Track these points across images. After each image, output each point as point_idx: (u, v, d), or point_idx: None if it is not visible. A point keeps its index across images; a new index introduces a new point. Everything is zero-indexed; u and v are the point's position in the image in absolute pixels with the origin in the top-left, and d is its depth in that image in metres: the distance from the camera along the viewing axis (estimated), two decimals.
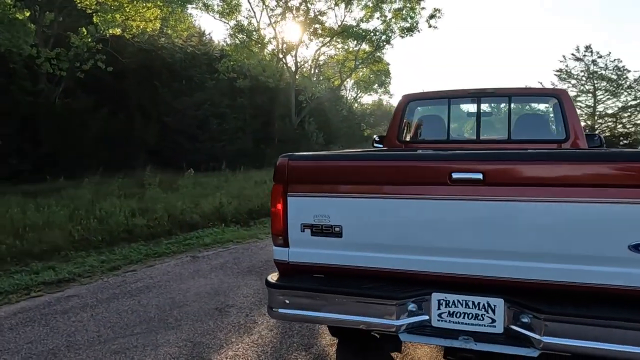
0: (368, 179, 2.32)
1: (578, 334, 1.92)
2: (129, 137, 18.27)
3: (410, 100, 4.81)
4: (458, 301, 2.15)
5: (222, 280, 5.11)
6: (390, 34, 24.71)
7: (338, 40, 25.73)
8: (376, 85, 40.28)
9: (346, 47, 25.69)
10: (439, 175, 2.16)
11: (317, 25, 24.24)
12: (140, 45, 19.80)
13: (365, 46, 26.36)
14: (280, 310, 2.38)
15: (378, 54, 26.66)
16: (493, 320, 2.11)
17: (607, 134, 26.33)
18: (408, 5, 23.36)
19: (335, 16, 24.61)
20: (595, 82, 27.71)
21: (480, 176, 2.09)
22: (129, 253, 6.28)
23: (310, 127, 25.45)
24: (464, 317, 2.14)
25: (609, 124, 27.81)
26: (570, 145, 4.31)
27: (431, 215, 2.20)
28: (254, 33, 24.41)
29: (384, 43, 25.16)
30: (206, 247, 6.79)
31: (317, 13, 24.06)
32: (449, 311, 2.17)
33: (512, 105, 4.65)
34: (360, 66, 26.22)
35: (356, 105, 42.79)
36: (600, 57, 27.26)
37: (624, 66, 26.95)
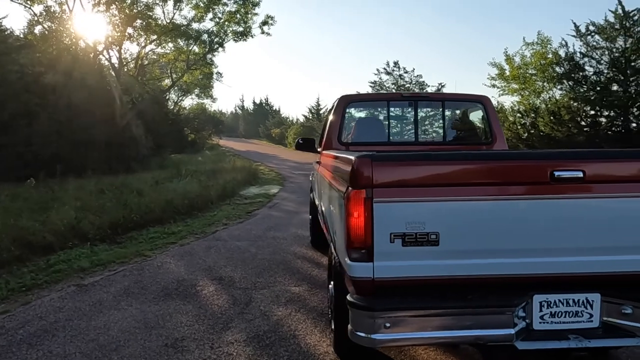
0: (466, 179, 2.15)
1: None
2: None
3: (349, 101, 4.73)
4: (559, 301, 2.14)
5: (141, 310, 4.25)
6: (223, 37, 24.21)
7: (167, 38, 24.16)
8: (197, 89, 39.09)
9: (177, 46, 24.24)
10: (540, 175, 2.12)
11: (140, 21, 22.33)
12: None
13: (195, 48, 25.31)
14: (380, 337, 2.04)
15: (209, 56, 25.84)
16: (591, 316, 2.15)
17: None
18: (243, 9, 23.21)
19: (164, 13, 22.93)
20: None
21: (580, 174, 2.11)
22: None
23: (138, 130, 23.31)
24: (564, 316, 2.14)
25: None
26: (495, 147, 4.75)
27: (531, 216, 2.14)
28: (68, 22, 21.31)
29: (217, 46, 24.53)
30: (85, 272, 5.58)
31: (144, 7, 22.20)
32: (551, 312, 2.14)
33: (420, 110, 4.94)
34: (192, 67, 25.01)
35: (177, 108, 40.82)
36: (406, 72, 31.21)
37: (423, 81, 31.35)
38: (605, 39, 16.96)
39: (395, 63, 30.95)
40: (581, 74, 17.38)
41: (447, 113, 4.77)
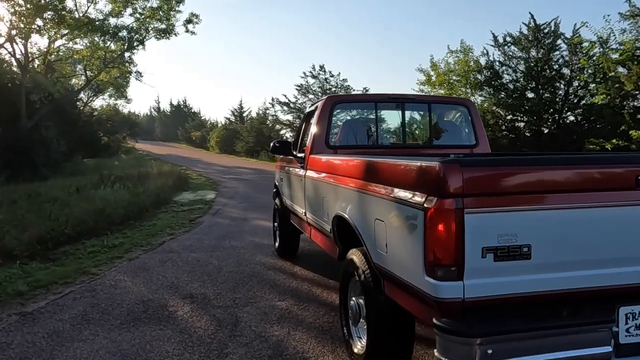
0: (556, 186, 1.98)
1: None
2: None
3: (336, 102, 4.47)
4: None
5: (111, 339, 3.65)
6: (144, 34, 22.82)
7: (80, 33, 22.26)
8: (111, 89, 36.53)
9: (93, 42, 22.40)
10: (626, 180, 2.01)
11: (51, 13, 20.39)
12: None
13: (112, 45, 23.61)
14: None
15: (128, 54, 24.24)
16: None
17: None
18: (166, 5, 22.02)
19: (76, 6, 21.06)
20: None
21: None
22: None
23: (49, 132, 21.28)
24: None
25: None
26: (478, 149, 4.74)
27: (617, 223, 2.02)
28: None
29: (137, 43, 23.07)
30: (24, 297, 4.78)
31: None
32: (636, 324, 2.04)
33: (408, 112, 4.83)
34: (110, 66, 23.24)
35: (87, 109, 37.91)
36: (332, 76, 31.49)
37: (349, 85, 31.82)
38: (520, 49, 18.20)
39: (321, 67, 31.14)
40: (499, 81, 18.52)
41: (432, 116, 4.68)
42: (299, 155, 4.83)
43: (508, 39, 18.29)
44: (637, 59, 12.84)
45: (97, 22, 21.66)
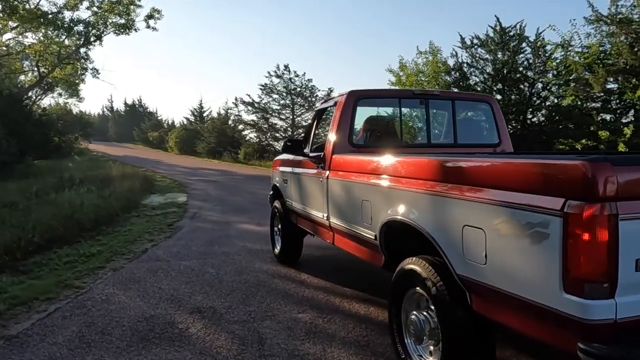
0: None
1: None
2: None
3: (359, 97, 4.16)
4: None
5: None
6: (102, 29, 21.69)
7: (31, 26, 20.89)
8: (62, 87, 34.62)
9: (47, 36, 21.04)
10: None
11: (1, 4, 19.01)
12: None
13: (67, 40, 22.32)
14: None
15: (84, 49, 23.00)
16: None
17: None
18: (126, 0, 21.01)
19: None
20: (294, 97, 31.46)
21: None
22: None
23: None
24: None
25: (304, 134, 32.07)
26: (501, 148, 4.56)
27: None
28: None
29: (94, 38, 21.90)
30: (3, 317, 4.18)
31: None
32: None
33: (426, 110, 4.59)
34: (65, 62, 21.91)
35: (36, 107, 35.78)
36: (297, 76, 31.13)
37: (314, 85, 31.56)
38: (487, 51, 18.52)
39: (286, 66, 30.73)
40: (467, 82, 18.77)
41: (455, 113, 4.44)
42: (314, 155, 4.49)
43: (475, 41, 18.59)
44: (602, 62, 13.27)
45: (50, 15, 20.39)
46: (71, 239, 7.43)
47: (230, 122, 35.04)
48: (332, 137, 4.10)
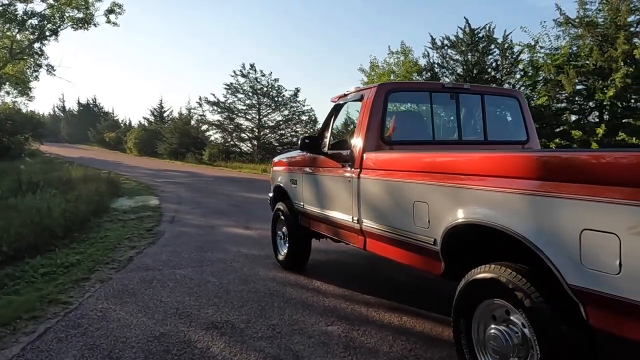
0: None
1: None
2: None
3: (390, 91, 3.85)
4: None
5: None
6: (58, 23, 20.47)
7: None
8: (9, 85, 32.54)
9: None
10: None
11: None
12: None
13: (18, 35, 20.94)
14: None
15: (38, 44, 21.64)
16: None
17: (275, 143, 29.84)
18: None
19: None
20: (260, 97, 30.88)
21: None
22: None
23: None
24: None
25: (270, 134, 31.56)
26: (529, 145, 4.38)
27: None
28: None
29: (50, 33, 20.64)
30: None
31: None
32: None
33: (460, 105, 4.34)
34: (18, 57, 20.51)
35: None
36: (263, 75, 30.59)
37: (280, 85, 31.10)
38: (458, 52, 18.70)
39: (252, 66, 30.16)
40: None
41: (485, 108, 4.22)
42: (334, 152, 4.15)
43: (446, 42, 18.74)
44: (570, 64, 13.57)
45: (0, 7, 19.04)
46: (43, 248, 6.77)
47: (193, 122, 34.06)
48: (361, 133, 3.77)
